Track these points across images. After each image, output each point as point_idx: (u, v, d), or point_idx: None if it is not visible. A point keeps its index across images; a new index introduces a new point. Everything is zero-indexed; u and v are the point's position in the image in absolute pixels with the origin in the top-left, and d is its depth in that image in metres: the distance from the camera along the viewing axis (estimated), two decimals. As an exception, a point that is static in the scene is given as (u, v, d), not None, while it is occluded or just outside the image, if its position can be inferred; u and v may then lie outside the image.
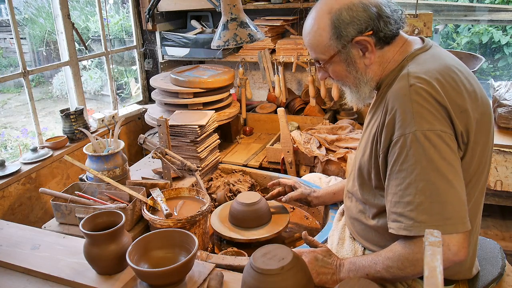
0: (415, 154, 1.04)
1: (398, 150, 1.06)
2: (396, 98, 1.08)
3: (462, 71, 1.14)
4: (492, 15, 2.90)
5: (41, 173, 2.38)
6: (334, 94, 2.86)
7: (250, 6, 3.00)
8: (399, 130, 1.06)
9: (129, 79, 5.14)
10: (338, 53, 1.19)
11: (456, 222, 1.02)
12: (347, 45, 1.17)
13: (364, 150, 1.24)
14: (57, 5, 2.62)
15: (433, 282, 0.69)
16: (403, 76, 1.10)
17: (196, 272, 1.25)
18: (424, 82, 1.06)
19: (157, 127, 2.04)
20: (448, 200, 1.02)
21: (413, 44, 1.22)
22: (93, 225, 1.30)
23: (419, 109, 1.04)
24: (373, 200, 1.26)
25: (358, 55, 1.19)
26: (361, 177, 1.29)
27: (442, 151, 1.03)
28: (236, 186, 2.21)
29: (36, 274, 1.30)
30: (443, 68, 1.10)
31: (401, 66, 1.18)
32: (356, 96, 1.26)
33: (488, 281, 1.28)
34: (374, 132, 1.18)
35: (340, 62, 1.21)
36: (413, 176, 1.04)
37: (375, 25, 1.15)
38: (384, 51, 1.20)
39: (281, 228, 1.79)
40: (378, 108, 1.22)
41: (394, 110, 1.07)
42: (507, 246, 2.32)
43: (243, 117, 3.15)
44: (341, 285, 0.96)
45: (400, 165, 1.07)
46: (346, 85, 1.28)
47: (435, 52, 1.18)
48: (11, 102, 6.04)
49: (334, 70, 1.24)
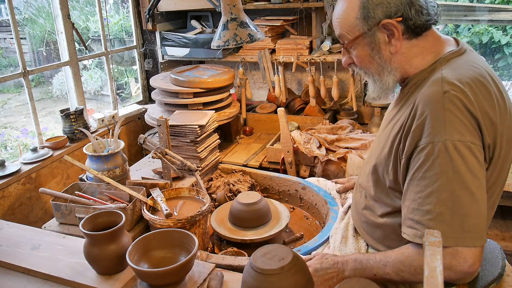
0: (442, 164, 1.01)
1: (424, 157, 1.04)
2: (428, 103, 1.05)
3: (495, 80, 1.12)
4: (492, 15, 2.90)
5: (41, 173, 2.38)
6: (334, 94, 2.86)
7: (250, 6, 3.00)
8: (428, 137, 1.03)
9: (129, 79, 5.14)
10: (363, 34, 1.15)
11: (475, 236, 1.00)
12: (374, 27, 1.14)
13: (383, 148, 1.21)
14: (57, 5, 2.62)
15: (433, 282, 0.69)
16: (437, 81, 1.07)
17: (196, 272, 1.25)
18: (459, 91, 1.03)
19: (157, 127, 2.04)
20: (470, 213, 1.00)
21: (447, 44, 1.19)
22: (93, 225, 1.30)
23: (451, 118, 1.01)
24: (385, 199, 1.24)
25: (384, 40, 1.15)
26: (375, 174, 1.26)
27: (470, 164, 1.01)
28: (236, 186, 2.21)
29: (36, 274, 1.30)
30: (478, 76, 1.07)
31: (434, 68, 1.14)
32: (379, 85, 1.22)
33: (488, 281, 1.28)
34: (396, 132, 1.15)
35: (364, 45, 1.18)
36: (436, 185, 1.02)
37: (405, 12, 1.11)
38: (413, 43, 1.16)
39: (281, 228, 1.79)
40: (403, 107, 1.19)
41: (425, 116, 1.04)
42: (507, 246, 2.32)
43: (243, 117, 3.15)
44: (341, 285, 0.96)
45: (424, 172, 1.04)
46: (369, 73, 1.23)
47: (470, 58, 1.15)
48: (11, 102, 6.04)
49: (358, 54, 1.20)
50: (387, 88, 1.22)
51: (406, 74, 1.20)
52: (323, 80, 2.88)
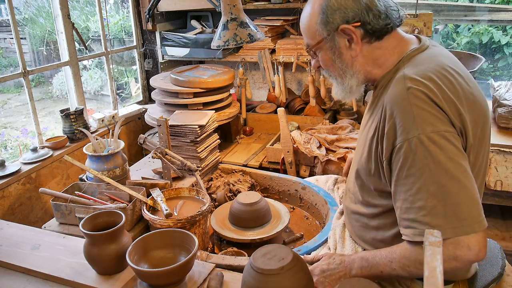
0: (422, 158, 1.02)
1: (403, 156, 1.05)
2: (395, 102, 1.06)
3: (460, 72, 1.13)
4: (492, 15, 2.90)
5: (41, 173, 2.38)
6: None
7: (250, 6, 3.00)
8: (402, 135, 1.05)
9: (129, 79, 5.14)
10: (324, 39, 1.20)
11: (472, 222, 1.00)
12: (333, 32, 1.18)
13: (362, 153, 1.23)
14: (57, 5, 2.62)
15: (433, 282, 0.69)
16: (399, 79, 1.09)
17: (196, 272, 1.25)
18: (421, 85, 1.05)
19: (157, 127, 2.04)
20: (461, 200, 1.00)
21: (410, 43, 1.21)
22: (93, 225, 1.30)
23: (420, 112, 1.02)
24: (373, 201, 1.25)
25: (345, 45, 1.19)
26: (359, 179, 1.28)
27: (449, 152, 1.01)
28: (236, 186, 2.21)
29: (36, 274, 1.30)
30: (439, 69, 1.09)
31: (397, 68, 1.16)
32: (341, 87, 1.27)
33: (488, 281, 1.28)
34: (372, 135, 1.17)
35: (326, 50, 1.22)
36: (422, 180, 1.03)
37: (363, 17, 1.15)
38: (374, 46, 1.19)
39: (281, 228, 1.79)
40: (375, 110, 1.21)
41: (394, 115, 1.06)
42: (507, 246, 2.32)
43: (243, 117, 3.15)
44: (341, 285, 0.96)
45: (407, 170, 1.05)
46: (332, 76, 1.28)
47: (432, 53, 1.17)
48: (11, 102, 6.04)
49: (322, 58, 1.25)
50: (350, 91, 1.26)
51: (372, 77, 1.23)
52: (323, 80, 2.88)
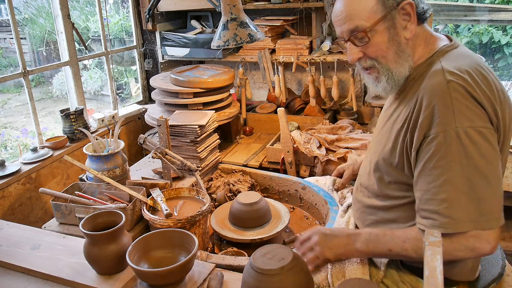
0: (455, 151, 1.03)
1: (436, 147, 1.05)
2: (433, 94, 1.06)
3: (490, 70, 1.14)
4: (492, 15, 2.90)
5: (41, 173, 2.38)
6: (334, 94, 2.86)
7: (250, 6, 3.00)
8: (438, 127, 1.05)
9: (129, 79, 5.14)
10: (384, 18, 1.14)
11: (492, 218, 1.03)
12: (393, 10, 1.14)
13: (385, 144, 1.22)
14: (57, 5, 2.62)
15: (433, 282, 0.69)
16: (438, 72, 1.08)
17: (196, 272, 1.25)
18: (461, 79, 1.05)
19: (157, 127, 2.04)
20: (485, 197, 1.03)
21: (439, 40, 1.21)
22: (93, 225, 1.30)
23: (459, 106, 1.03)
24: (392, 193, 1.25)
25: (401, 24, 1.16)
26: (378, 171, 1.26)
27: (482, 149, 1.03)
28: (236, 186, 2.21)
29: (36, 274, 1.30)
30: (475, 66, 1.10)
31: (431, 61, 1.16)
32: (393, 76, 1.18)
33: (488, 281, 1.28)
34: (400, 127, 1.16)
35: (383, 30, 1.15)
36: (450, 173, 1.04)
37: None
38: (418, 31, 1.18)
39: (281, 228, 1.79)
40: (402, 103, 1.19)
41: (432, 106, 1.05)
42: (507, 246, 2.32)
43: (243, 117, 3.15)
44: (341, 285, 0.96)
45: (436, 162, 1.05)
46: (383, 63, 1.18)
47: (464, 51, 1.18)
48: (11, 102, 6.04)
49: (375, 41, 1.15)
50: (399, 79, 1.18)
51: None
52: (323, 80, 2.88)
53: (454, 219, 1.03)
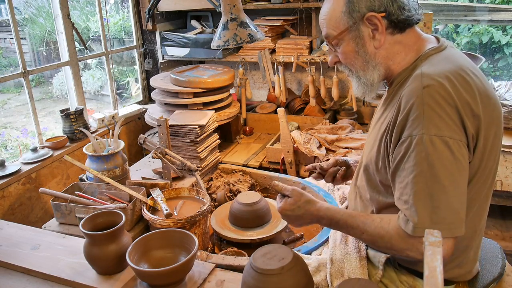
0: (417, 157, 1.05)
1: (404, 150, 1.08)
2: (409, 98, 1.07)
3: (476, 73, 1.14)
4: (492, 15, 2.90)
5: (41, 173, 2.38)
6: (334, 94, 2.86)
7: (250, 6, 3.00)
8: (408, 131, 1.07)
9: (131, 79, 5.14)
10: (349, 29, 1.19)
11: (443, 227, 1.03)
12: (358, 21, 1.17)
13: (372, 147, 1.24)
14: (57, 5, 2.62)
15: (433, 282, 0.69)
16: (417, 77, 1.10)
17: (196, 272, 1.25)
18: (438, 85, 1.05)
19: (157, 127, 2.04)
20: (439, 205, 1.04)
21: (428, 42, 1.21)
22: (93, 225, 1.30)
23: (429, 113, 1.04)
24: (378, 196, 1.26)
25: (368, 34, 1.18)
26: (367, 173, 1.29)
27: (444, 158, 1.03)
28: (236, 186, 2.21)
29: (36, 274, 1.30)
30: (457, 70, 1.10)
31: (414, 65, 1.17)
32: (364, 82, 1.24)
33: (488, 281, 1.28)
34: (384, 129, 1.18)
35: (349, 40, 1.20)
36: (411, 177, 1.06)
37: (388, 6, 1.15)
38: (396, 39, 1.19)
39: (281, 228, 1.79)
40: (389, 106, 1.21)
41: (406, 111, 1.07)
42: (507, 246, 2.32)
43: (243, 117, 3.15)
44: (341, 285, 0.96)
45: (403, 164, 1.08)
46: (353, 70, 1.26)
47: (449, 53, 1.17)
48: (11, 102, 6.04)
49: (344, 50, 1.23)
50: (372, 85, 1.24)
51: (390, 72, 1.23)
52: (323, 80, 2.88)
53: (412, 222, 1.05)
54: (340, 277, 1.29)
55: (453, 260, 1.19)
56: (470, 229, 1.19)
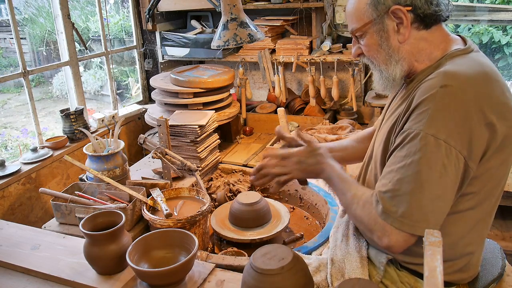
0: (408, 150, 1.06)
1: (400, 140, 1.09)
2: (423, 93, 1.07)
3: (500, 81, 1.11)
4: (492, 15, 2.90)
5: (41, 173, 2.38)
6: (334, 94, 2.86)
7: (250, 6, 3.00)
8: (410, 123, 1.08)
9: (132, 79, 5.14)
10: (373, 21, 1.17)
11: (405, 222, 1.04)
12: (383, 14, 1.15)
13: (381, 141, 1.23)
14: (57, 5, 2.62)
15: (433, 282, 0.69)
16: (438, 74, 1.08)
17: (196, 272, 1.25)
18: (456, 87, 1.03)
19: (157, 127, 2.04)
20: (411, 202, 1.04)
21: (454, 43, 1.19)
22: (93, 225, 1.30)
23: (435, 113, 1.03)
24: None
25: (393, 29, 1.16)
26: (375, 166, 1.28)
27: (431, 160, 1.03)
28: (236, 186, 2.21)
29: (36, 274, 1.29)
30: (481, 75, 1.07)
31: (438, 63, 1.15)
32: (385, 76, 1.22)
33: (488, 281, 1.28)
34: (394, 122, 1.18)
35: (373, 33, 1.19)
36: (397, 166, 1.08)
37: (415, 0, 1.13)
38: (421, 35, 1.17)
39: (281, 228, 1.79)
40: (405, 101, 1.19)
41: (416, 104, 1.08)
42: (507, 246, 2.32)
43: (243, 117, 3.15)
44: (341, 285, 0.96)
45: (396, 152, 1.11)
46: (376, 63, 1.24)
47: (475, 57, 1.14)
48: (11, 102, 6.04)
49: (367, 42, 1.21)
50: (393, 80, 1.22)
51: (413, 69, 1.21)
52: (323, 80, 2.88)
53: (382, 204, 1.08)
54: (341, 277, 1.28)
55: (457, 265, 1.19)
56: (478, 237, 1.19)
